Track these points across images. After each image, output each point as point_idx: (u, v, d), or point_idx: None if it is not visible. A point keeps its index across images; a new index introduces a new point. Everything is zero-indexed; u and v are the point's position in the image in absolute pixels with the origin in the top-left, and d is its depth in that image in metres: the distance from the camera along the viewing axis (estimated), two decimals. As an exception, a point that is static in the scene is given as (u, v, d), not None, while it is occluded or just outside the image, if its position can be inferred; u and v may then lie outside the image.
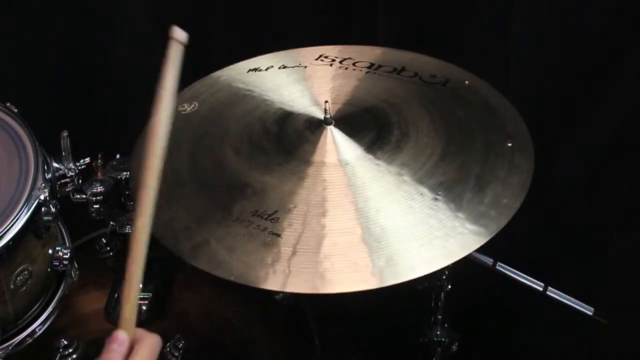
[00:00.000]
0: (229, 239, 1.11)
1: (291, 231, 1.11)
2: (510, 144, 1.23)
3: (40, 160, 1.17)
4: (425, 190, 1.16)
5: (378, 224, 1.11)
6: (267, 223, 1.13)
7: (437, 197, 1.15)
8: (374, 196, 1.15)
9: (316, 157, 1.23)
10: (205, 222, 1.15)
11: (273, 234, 1.11)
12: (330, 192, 1.17)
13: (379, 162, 1.21)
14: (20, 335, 1.21)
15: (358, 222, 1.12)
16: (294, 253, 1.08)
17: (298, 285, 1.07)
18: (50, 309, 1.25)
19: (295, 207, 1.15)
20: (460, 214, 1.12)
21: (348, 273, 1.06)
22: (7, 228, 1.09)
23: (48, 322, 1.24)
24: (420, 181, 1.17)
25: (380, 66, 1.42)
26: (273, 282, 1.06)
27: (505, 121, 1.29)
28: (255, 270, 1.07)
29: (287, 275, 1.06)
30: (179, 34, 0.99)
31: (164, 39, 2.07)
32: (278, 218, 1.13)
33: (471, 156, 1.21)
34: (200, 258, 1.10)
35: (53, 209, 1.16)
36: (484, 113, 1.31)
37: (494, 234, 1.10)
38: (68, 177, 1.27)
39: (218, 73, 1.47)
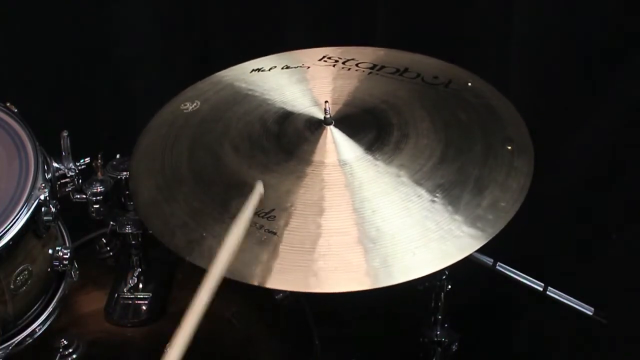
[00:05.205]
0: (225, 235, 1.12)
1: (287, 230, 1.12)
2: (510, 147, 1.23)
3: (40, 160, 1.17)
4: (423, 192, 1.15)
5: (374, 225, 1.11)
6: (264, 221, 1.13)
7: (435, 199, 1.15)
8: (371, 197, 1.15)
9: (315, 157, 1.22)
10: (202, 218, 1.16)
11: (269, 232, 1.11)
12: (327, 192, 1.17)
13: (377, 162, 1.21)
14: (20, 335, 1.21)
15: (354, 223, 1.12)
16: (289, 251, 1.09)
17: (292, 283, 1.07)
18: (50, 309, 1.25)
19: (292, 206, 1.15)
20: (457, 217, 1.12)
21: (342, 273, 1.07)
22: (7, 228, 1.09)
23: (48, 322, 1.25)
24: (418, 183, 1.17)
25: (382, 67, 1.42)
26: (267, 280, 1.07)
27: (506, 124, 1.29)
28: (250, 267, 1.08)
29: (281, 273, 1.07)
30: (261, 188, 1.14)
31: (164, 39, 2.09)
32: (274, 216, 1.13)
33: (470, 159, 1.21)
34: (196, 254, 1.11)
35: (53, 209, 1.16)
36: (485, 115, 1.31)
37: (490, 238, 1.10)
38: (68, 177, 1.27)
39: (221, 73, 1.47)
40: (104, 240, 1.55)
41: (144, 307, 1.42)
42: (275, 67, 1.46)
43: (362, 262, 1.07)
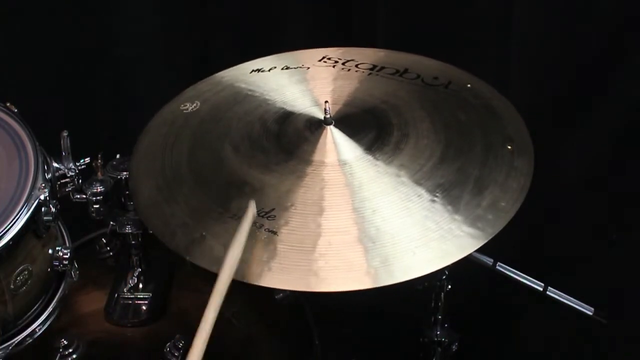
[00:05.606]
0: (226, 235, 1.11)
1: (287, 229, 1.12)
2: (510, 147, 1.23)
3: (40, 160, 1.17)
4: (422, 192, 1.16)
5: (374, 225, 1.11)
6: (264, 220, 1.13)
7: (435, 199, 1.15)
8: (371, 196, 1.15)
9: (315, 157, 1.22)
10: (203, 218, 1.16)
11: (269, 231, 1.11)
12: (327, 191, 1.17)
13: (377, 162, 1.21)
14: (20, 335, 1.21)
15: (354, 222, 1.12)
16: (289, 251, 1.09)
17: (292, 282, 1.07)
18: (50, 309, 1.25)
19: (292, 205, 1.15)
20: (457, 217, 1.12)
21: (342, 272, 1.07)
22: (7, 228, 1.09)
23: (48, 322, 1.24)
24: (418, 182, 1.17)
25: (382, 68, 1.42)
26: (268, 279, 1.07)
27: (506, 124, 1.29)
28: (251, 267, 1.08)
29: (281, 273, 1.07)
30: (254, 209, 1.13)
31: (164, 39, 2.09)
32: (275, 216, 1.14)
33: (470, 159, 1.21)
34: (197, 254, 1.11)
35: (53, 209, 1.16)
36: (485, 116, 1.31)
37: (490, 237, 1.10)
38: (68, 177, 1.27)
39: (221, 73, 1.47)
40: (104, 240, 1.55)
41: (144, 307, 1.42)
42: (275, 67, 1.46)
43: (363, 261, 1.07)
